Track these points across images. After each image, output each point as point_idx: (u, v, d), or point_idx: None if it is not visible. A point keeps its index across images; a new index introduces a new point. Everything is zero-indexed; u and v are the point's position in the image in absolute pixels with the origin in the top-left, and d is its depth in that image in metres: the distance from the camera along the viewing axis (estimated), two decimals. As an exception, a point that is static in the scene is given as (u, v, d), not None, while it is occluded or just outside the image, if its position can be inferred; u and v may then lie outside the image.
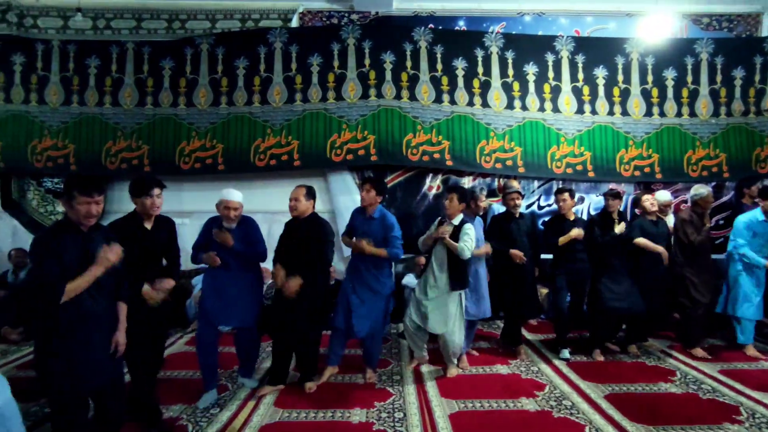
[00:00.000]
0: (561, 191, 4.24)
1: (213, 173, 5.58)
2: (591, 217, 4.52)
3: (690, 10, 5.96)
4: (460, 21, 5.93)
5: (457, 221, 3.55)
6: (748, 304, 4.17)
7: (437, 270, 3.56)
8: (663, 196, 4.57)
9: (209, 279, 3.28)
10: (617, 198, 4.16)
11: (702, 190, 4.28)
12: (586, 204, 5.77)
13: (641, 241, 4.16)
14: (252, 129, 5.62)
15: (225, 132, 5.61)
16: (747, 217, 4.26)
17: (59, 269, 1.99)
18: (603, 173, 5.67)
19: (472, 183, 5.76)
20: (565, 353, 4.08)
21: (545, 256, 4.37)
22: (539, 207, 5.80)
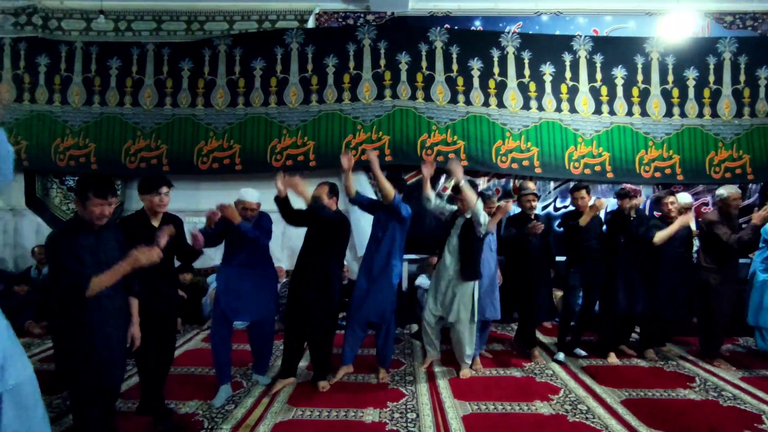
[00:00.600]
0: (577, 188, 4.13)
1: (230, 173, 5.66)
2: (606, 217, 4.43)
3: (713, 8, 5.83)
4: (476, 21, 5.90)
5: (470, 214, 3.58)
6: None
7: (449, 257, 3.65)
8: (684, 198, 4.46)
9: (224, 275, 3.32)
10: (626, 197, 4.05)
11: (722, 191, 4.06)
12: (604, 205, 5.67)
13: (662, 235, 3.93)
14: (268, 129, 5.68)
15: (242, 132, 5.69)
16: None
17: (81, 266, 2.03)
18: (622, 174, 5.57)
19: (486, 184, 5.73)
20: (560, 356, 4.03)
21: (559, 258, 4.31)
22: (555, 209, 5.74)
